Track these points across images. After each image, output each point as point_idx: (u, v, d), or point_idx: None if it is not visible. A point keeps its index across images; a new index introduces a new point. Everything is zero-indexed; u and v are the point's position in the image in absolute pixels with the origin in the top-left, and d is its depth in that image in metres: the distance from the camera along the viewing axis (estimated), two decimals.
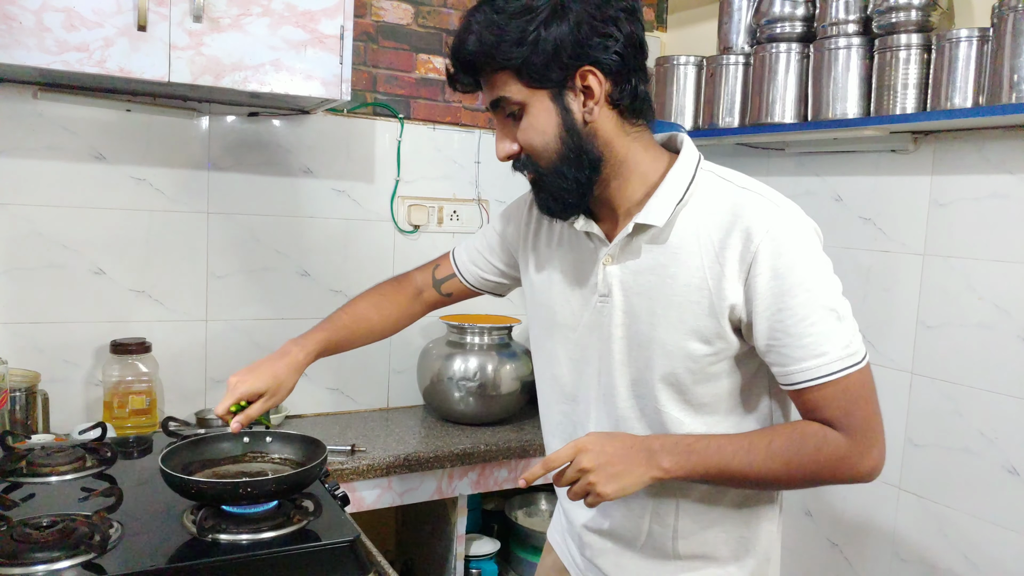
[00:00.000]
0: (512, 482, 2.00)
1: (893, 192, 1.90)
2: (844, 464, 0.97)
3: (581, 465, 0.97)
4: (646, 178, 1.04)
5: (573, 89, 0.98)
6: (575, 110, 0.99)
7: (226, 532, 1.11)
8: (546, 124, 0.99)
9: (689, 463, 0.98)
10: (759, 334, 0.97)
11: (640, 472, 0.98)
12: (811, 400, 0.97)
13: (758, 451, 0.98)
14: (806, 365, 0.95)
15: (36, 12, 1.47)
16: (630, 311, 1.05)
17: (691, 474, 0.99)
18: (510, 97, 0.99)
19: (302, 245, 2.09)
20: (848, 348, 0.95)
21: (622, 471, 0.97)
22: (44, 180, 1.79)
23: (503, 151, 1.04)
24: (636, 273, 1.04)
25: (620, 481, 0.97)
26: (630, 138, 1.03)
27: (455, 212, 2.30)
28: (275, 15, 1.67)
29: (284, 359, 1.25)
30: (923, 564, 1.84)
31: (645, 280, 1.03)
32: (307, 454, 1.33)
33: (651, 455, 0.99)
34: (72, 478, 1.33)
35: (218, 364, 2.02)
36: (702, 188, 1.02)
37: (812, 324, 0.94)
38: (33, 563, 1.01)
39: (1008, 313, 1.67)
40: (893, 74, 1.74)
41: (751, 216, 0.96)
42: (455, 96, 2.30)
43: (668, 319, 1.01)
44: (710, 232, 0.99)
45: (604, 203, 1.07)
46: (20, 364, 1.75)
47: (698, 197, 1.02)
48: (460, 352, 2.07)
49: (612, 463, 0.97)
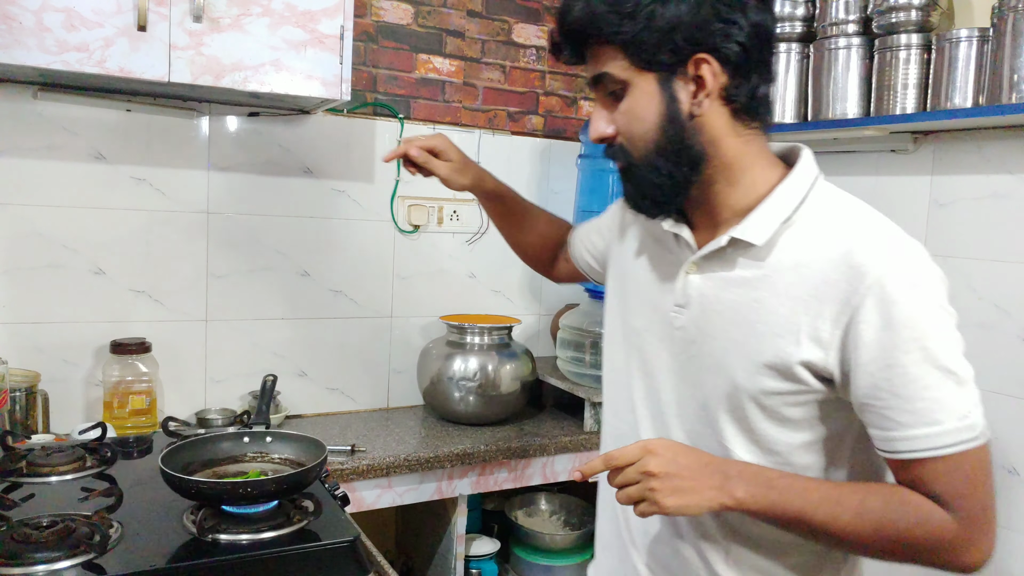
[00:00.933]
0: (512, 482, 1.99)
1: (893, 192, 1.90)
2: (947, 550, 0.86)
3: (647, 467, 0.87)
4: (754, 188, 0.93)
5: (684, 76, 0.88)
6: (682, 100, 0.89)
7: (226, 532, 1.11)
8: (647, 110, 0.89)
9: (767, 499, 0.86)
10: (858, 389, 0.85)
11: (709, 494, 0.87)
12: (918, 475, 0.85)
13: (848, 505, 0.85)
14: (915, 433, 0.83)
15: (36, 12, 1.47)
16: (705, 328, 0.95)
17: (766, 512, 0.87)
18: (613, 74, 0.90)
19: (302, 245, 2.09)
20: (966, 419, 0.83)
21: (690, 487, 0.87)
22: (44, 180, 1.79)
23: (596, 132, 0.94)
24: (720, 289, 0.94)
25: (684, 497, 0.86)
26: (741, 140, 0.92)
27: (455, 212, 2.30)
28: (275, 15, 1.67)
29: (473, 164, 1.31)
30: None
31: (728, 298, 0.93)
32: (307, 454, 1.33)
33: (726, 479, 0.87)
34: (72, 478, 1.33)
35: (218, 364, 2.02)
36: (814, 209, 0.90)
37: (926, 387, 0.82)
38: (33, 563, 1.01)
39: (1008, 313, 1.67)
40: (893, 74, 1.74)
41: (866, 252, 0.84)
42: (455, 96, 2.30)
43: (745, 346, 0.90)
44: (814, 261, 0.87)
45: (702, 207, 0.96)
46: (20, 364, 1.75)
47: (808, 219, 0.90)
48: (460, 352, 2.07)
49: (681, 475, 0.87)
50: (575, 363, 2.18)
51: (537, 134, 2.45)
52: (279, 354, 2.09)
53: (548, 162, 2.46)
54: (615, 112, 0.93)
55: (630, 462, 0.88)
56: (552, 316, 2.51)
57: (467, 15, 2.30)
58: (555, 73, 2.47)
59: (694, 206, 0.97)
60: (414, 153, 1.26)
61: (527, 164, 2.43)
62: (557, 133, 2.49)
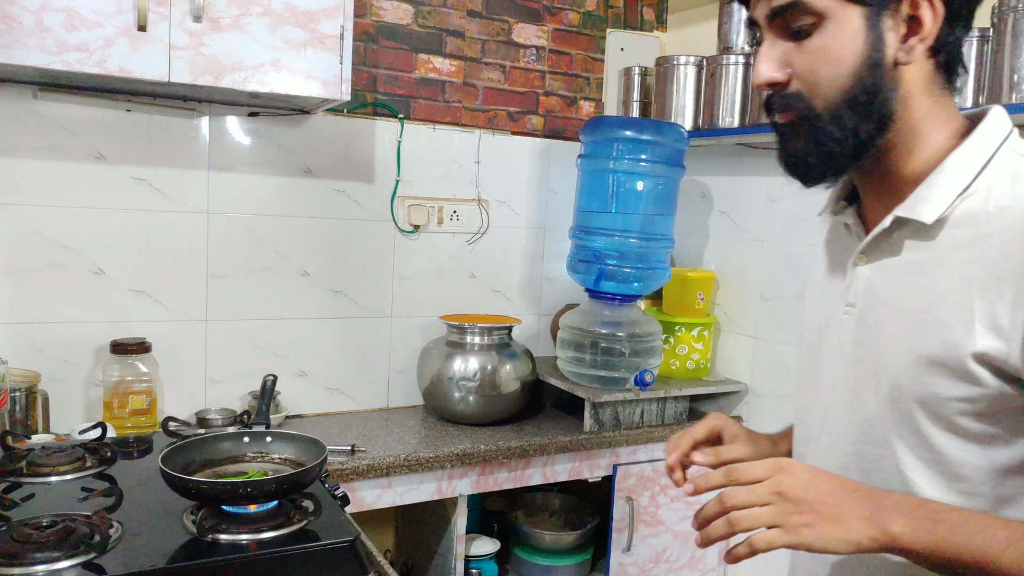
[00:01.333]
0: (512, 482, 1.99)
1: None
2: None
3: (780, 488, 0.71)
4: (931, 156, 0.79)
5: (896, 15, 0.75)
6: (889, 43, 0.75)
7: (226, 532, 1.11)
8: (845, 50, 0.75)
9: (932, 536, 0.68)
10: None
11: (857, 526, 0.70)
12: None
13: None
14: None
15: (36, 12, 1.47)
16: (872, 326, 0.81)
17: (930, 553, 0.69)
18: (810, 3, 0.75)
19: (302, 245, 2.09)
20: None
21: (834, 516, 0.70)
22: (44, 180, 1.79)
23: (766, 74, 0.79)
24: (889, 278, 0.81)
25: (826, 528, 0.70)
26: (933, 100, 0.78)
27: (455, 212, 2.30)
28: (275, 15, 1.67)
29: None
30: None
31: (895, 288, 0.80)
32: (307, 454, 1.33)
33: (879, 509, 0.71)
34: (72, 478, 1.33)
35: (218, 364, 2.02)
36: (1000, 174, 0.75)
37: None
38: (33, 563, 1.01)
39: None
40: None
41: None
42: (455, 96, 2.30)
43: (909, 340, 0.77)
44: (995, 234, 0.73)
45: (874, 182, 0.83)
46: (20, 364, 1.75)
47: (991, 186, 0.75)
48: (460, 352, 2.07)
49: (824, 501, 0.71)
50: (575, 363, 2.18)
51: (537, 134, 2.45)
52: (279, 354, 2.09)
53: (548, 162, 2.46)
54: (797, 52, 0.78)
55: (758, 479, 0.73)
56: (552, 316, 2.51)
57: (467, 15, 2.30)
58: (555, 73, 2.48)
59: (867, 183, 0.85)
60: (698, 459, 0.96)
61: (527, 164, 2.43)
62: (557, 133, 2.49)
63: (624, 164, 2.12)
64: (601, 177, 2.17)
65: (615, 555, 2.14)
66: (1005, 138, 0.76)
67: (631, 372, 2.13)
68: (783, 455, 0.98)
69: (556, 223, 2.48)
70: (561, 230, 2.45)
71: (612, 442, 2.08)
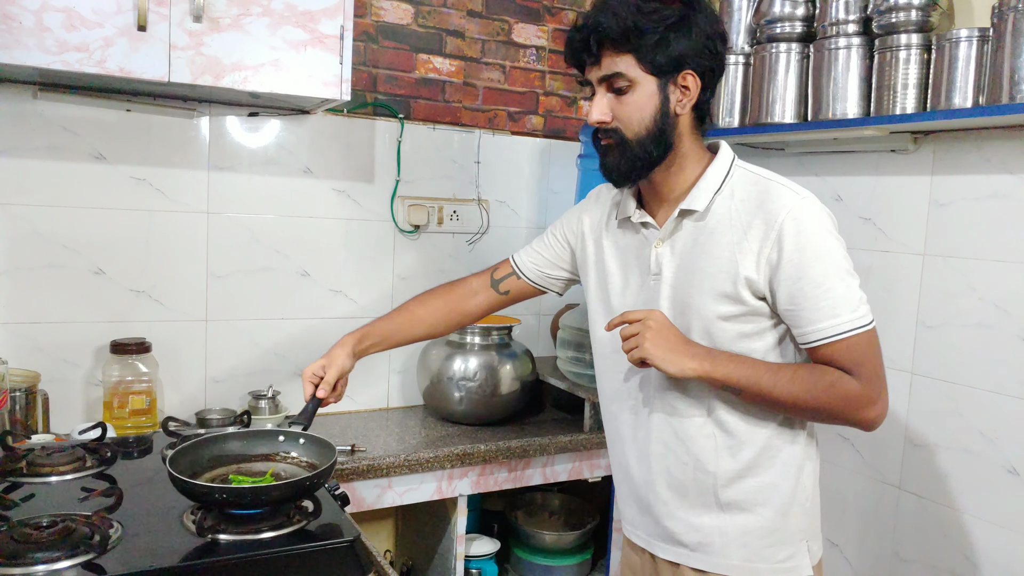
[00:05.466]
0: (512, 482, 2.00)
1: (893, 192, 1.90)
2: (853, 404, 1.13)
3: (647, 322, 1.16)
4: (692, 172, 1.24)
5: (676, 84, 1.18)
6: (672, 100, 1.19)
7: (226, 532, 1.12)
8: (647, 104, 1.18)
9: (726, 368, 1.15)
10: (781, 300, 1.15)
11: (684, 359, 1.15)
12: (825, 355, 1.14)
13: (784, 374, 1.15)
14: (822, 326, 1.12)
15: (36, 12, 1.47)
16: (675, 283, 1.23)
17: (726, 378, 1.15)
18: (626, 74, 1.17)
19: (302, 245, 2.09)
20: (856, 312, 1.12)
21: (671, 348, 1.15)
22: (44, 180, 1.79)
23: (599, 116, 1.20)
24: (680, 252, 1.23)
25: (665, 352, 1.15)
26: (693, 137, 1.24)
27: (455, 212, 2.30)
28: (275, 15, 1.67)
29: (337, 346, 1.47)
30: (923, 564, 1.84)
31: (687, 257, 1.22)
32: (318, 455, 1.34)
33: (697, 353, 1.16)
34: (72, 478, 1.33)
35: (218, 364, 2.02)
36: (736, 180, 1.22)
37: (827, 291, 1.12)
38: (33, 563, 1.01)
39: (1008, 313, 1.67)
40: (893, 74, 1.74)
41: (774, 201, 1.16)
42: (455, 96, 2.30)
43: (702, 287, 1.19)
44: (740, 214, 1.18)
45: (654, 193, 1.27)
46: (20, 364, 1.75)
47: (732, 188, 1.21)
48: (460, 352, 2.07)
49: (668, 338, 1.16)
50: (575, 363, 2.18)
51: (537, 134, 2.45)
52: (279, 354, 2.09)
53: (548, 162, 2.46)
54: (617, 103, 1.19)
55: (639, 319, 1.18)
56: (552, 316, 2.51)
57: (467, 15, 2.30)
58: (555, 73, 2.48)
59: (649, 195, 1.29)
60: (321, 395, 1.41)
61: (527, 164, 2.43)
62: (557, 133, 2.49)
63: None
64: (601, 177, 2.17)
65: (615, 555, 2.14)
66: (733, 160, 1.25)
67: None
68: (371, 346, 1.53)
69: None
70: None
71: None
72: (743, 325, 1.19)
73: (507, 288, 1.53)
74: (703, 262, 1.19)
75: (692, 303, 1.20)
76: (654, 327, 1.17)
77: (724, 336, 1.19)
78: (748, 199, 1.18)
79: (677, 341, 1.17)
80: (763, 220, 1.15)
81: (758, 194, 1.18)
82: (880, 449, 1.91)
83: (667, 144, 1.20)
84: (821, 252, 1.13)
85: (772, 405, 1.18)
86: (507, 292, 1.53)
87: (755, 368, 1.16)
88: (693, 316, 1.21)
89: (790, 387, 1.14)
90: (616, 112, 1.20)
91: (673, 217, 1.23)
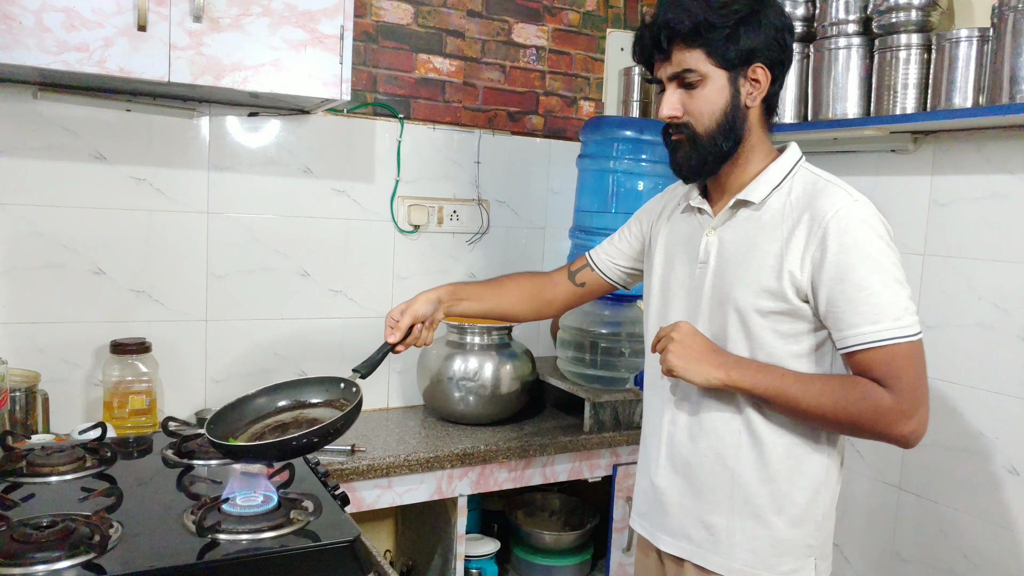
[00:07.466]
0: (512, 482, 1.99)
1: (893, 192, 1.90)
2: (884, 417, 1.09)
3: (672, 336, 1.19)
4: (756, 167, 1.24)
5: (746, 77, 1.19)
6: (742, 94, 1.20)
7: (226, 532, 1.12)
8: (718, 99, 1.19)
9: (754, 378, 1.15)
10: (821, 301, 1.13)
11: (709, 369, 1.17)
12: (862, 363, 1.11)
13: (813, 386, 1.13)
14: (861, 331, 1.10)
15: (36, 12, 1.47)
16: (718, 272, 1.24)
17: (753, 388, 1.16)
18: (697, 70, 1.18)
19: (302, 245, 2.09)
20: (900, 320, 1.09)
21: (696, 358, 1.18)
22: (44, 180, 1.79)
23: (671, 111, 1.22)
24: (729, 242, 1.23)
25: (688, 363, 1.18)
26: (761, 131, 1.24)
27: (455, 212, 2.30)
28: (275, 15, 1.67)
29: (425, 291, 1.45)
30: (923, 564, 1.84)
31: (735, 248, 1.22)
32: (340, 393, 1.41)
33: (724, 363, 1.17)
34: (72, 478, 1.33)
35: (218, 364, 2.02)
36: (797, 179, 1.21)
37: (869, 295, 1.09)
38: (33, 563, 1.01)
39: (1008, 313, 1.67)
40: (893, 74, 1.74)
41: (825, 200, 1.15)
42: (455, 96, 2.30)
43: (745, 279, 1.19)
44: (792, 211, 1.18)
45: (717, 185, 1.28)
46: (20, 364, 1.75)
47: (791, 185, 1.21)
48: (460, 352, 2.07)
49: (693, 348, 1.18)
50: (575, 363, 2.18)
51: (537, 134, 2.45)
52: (279, 354, 2.09)
53: (548, 162, 2.46)
54: (688, 98, 1.20)
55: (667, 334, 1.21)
56: None
57: (467, 15, 2.30)
58: (555, 73, 2.48)
59: (713, 184, 1.29)
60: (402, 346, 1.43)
61: (527, 164, 2.43)
62: (557, 133, 2.49)
63: (624, 164, 2.12)
64: (601, 177, 2.17)
65: (615, 555, 2.14)
66: (798, 160, 1.24)
67: (631, 372, 2.13)
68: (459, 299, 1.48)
69: (556, 223, 2.48)
70: (561, 230, 2.45)
71: (612, 442, 2.08)
72: (780, 324, 1.18)
73: (583, 280, 1.54)
74: (750, 254, 1.19)
75: (732, 294, 1.20)
76: (678, 338, 1.18)
77: (760, 333, 1.18)
78: (802, 196, 1.18)
79: (703, 350, 1.18)
80: (811, 217, 1.14)
81: (812, 193, 1.17)
82: (880, 449, 1.91)
83: (737, 137, 1.20)
84: (867, 255, 1.10)
85: (801, 417, 1.17)
86: (583, 284, 1.54)
87: (784, 379, 1.14)
88: (730, 308, 1.21)
89: (819, 399, 1.12)
90: (687, 106, 1.20)
91: (728, 207, 1.23)
